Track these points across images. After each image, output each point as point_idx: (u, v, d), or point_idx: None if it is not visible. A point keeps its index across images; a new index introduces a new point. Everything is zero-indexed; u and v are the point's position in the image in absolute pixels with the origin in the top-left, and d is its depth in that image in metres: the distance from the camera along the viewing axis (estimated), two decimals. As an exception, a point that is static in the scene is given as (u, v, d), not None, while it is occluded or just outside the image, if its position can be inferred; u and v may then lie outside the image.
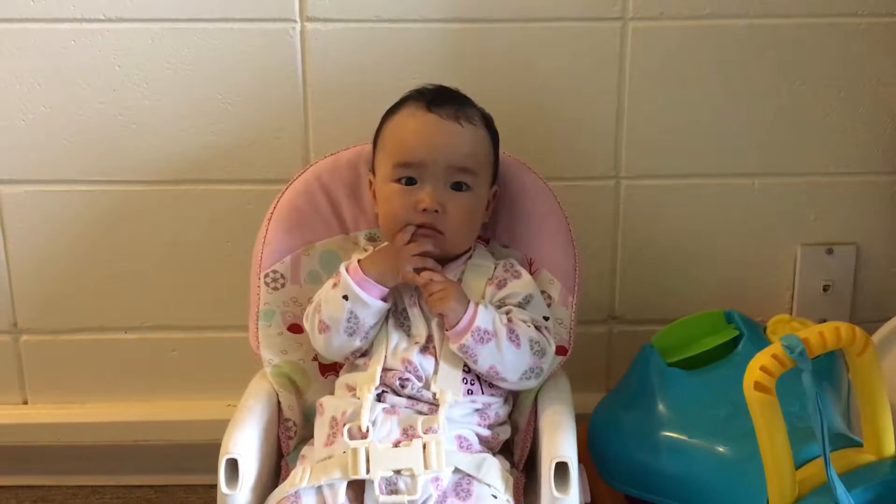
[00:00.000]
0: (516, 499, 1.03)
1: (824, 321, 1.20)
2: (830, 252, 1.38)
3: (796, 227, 1.38)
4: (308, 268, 1.18)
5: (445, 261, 1.13)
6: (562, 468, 0.99)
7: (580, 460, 1.02)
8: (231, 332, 1.38)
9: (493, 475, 1.02)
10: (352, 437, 1.02)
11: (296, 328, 1.17)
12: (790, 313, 1.40)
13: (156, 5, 1.26)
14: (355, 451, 1.00)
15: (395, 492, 0.99)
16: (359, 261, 1.10)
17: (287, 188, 1.19)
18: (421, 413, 1.05)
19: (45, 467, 1.43)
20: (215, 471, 1.01)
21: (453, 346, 1.07)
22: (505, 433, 1.11)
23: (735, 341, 1.20)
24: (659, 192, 1.35)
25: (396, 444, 1.02)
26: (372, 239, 1.19)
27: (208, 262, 1.36)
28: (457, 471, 1.02)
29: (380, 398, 1.06)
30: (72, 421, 1.40)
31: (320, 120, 1.31)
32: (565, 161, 1.33)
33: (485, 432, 1.08)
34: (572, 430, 1.04)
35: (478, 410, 1.08)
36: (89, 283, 1.37)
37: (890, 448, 1.03)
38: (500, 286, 1.12)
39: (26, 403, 1.43)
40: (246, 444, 1.04)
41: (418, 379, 1.07)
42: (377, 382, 1.06)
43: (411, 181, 1.10)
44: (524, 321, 1.09)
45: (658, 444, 1.13)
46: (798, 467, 0.99)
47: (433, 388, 1.06)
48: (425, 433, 1.02)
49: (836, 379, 1.18)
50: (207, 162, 1.32)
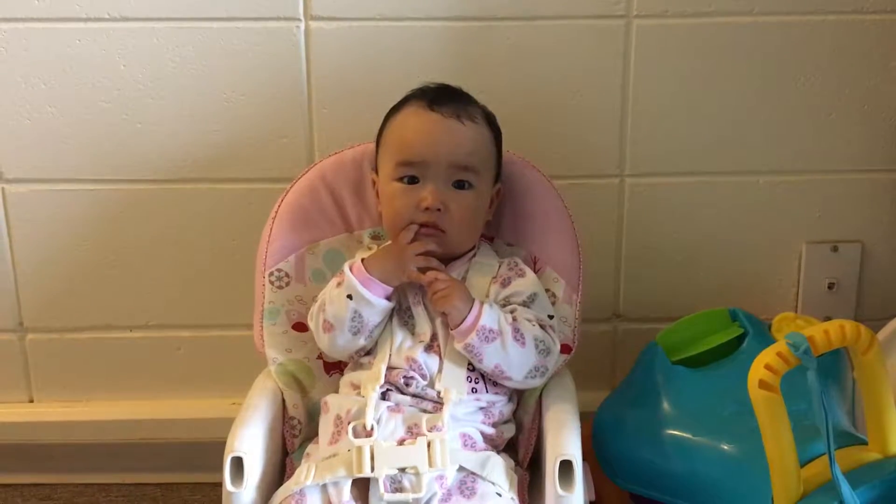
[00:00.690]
0: (521, 497, 1.04)
1: (829, 319, 1.20)
2: (835, 250, 1.38)
3: (801, 224, 1.37)
4: (312, 266, 1.18)
5: (449, 259, 1.13)
6: (566, 466, 0.99)
7: (584, 458, 1.02)
8: (236, 330, 1.38)
9: (498, 473, 1.02)
10: (356, 435, 1.02)
11: (300, 327, 1.17)
12: (795, 311, 1.39)
13: (160, 4, 1.26)
14: (360, 449, 1.00)
15: (400, 490, 0.99)
16: (363, 260, 1.10)
17: (291, 187, 1.19)
18: (425, 411, 1.05)
19: (51, 465, 1.44)
20: (220, 469, 1.01)
21: (458, 346, 1.07)
22: (509, 431, 1.11)
23: (740, 339, 1.20)
24: (663, 191, 1.35)
25: (401, 443, 1.02)
26: (376, 237, 1.19)
27: (213, 261, 1.36)
28: (461, 469, 1.02)
29: (384, 396, 1.06)
30: (77, 419, 1.40)
31: (324, 118, 1.31)
32: (569, 159, 1.33)
33: (489, 430, 1.08)
34: (577, 429, 1.04)
35: (482, 409, 1.08)
36: (94, 281, 1.37)
37: (895, 446, 1.03)
38: (505, 284, 1.12)
39: (32, 402, 1.43)
40: (251, 442, 1.04)
41: (423, 377, 1.07)
42: (382, 381, 1.06)
43: (414, 180, 1.10)
44: (529, 320, 1.09)
45: (662, 442, 1.13)
46: (803, 465, 0.99)
47: (437, 386, 1.06)
48: (430, 431, 1.02)
49: (841, 377, 1.18)
50: (212, 160, 1.32)
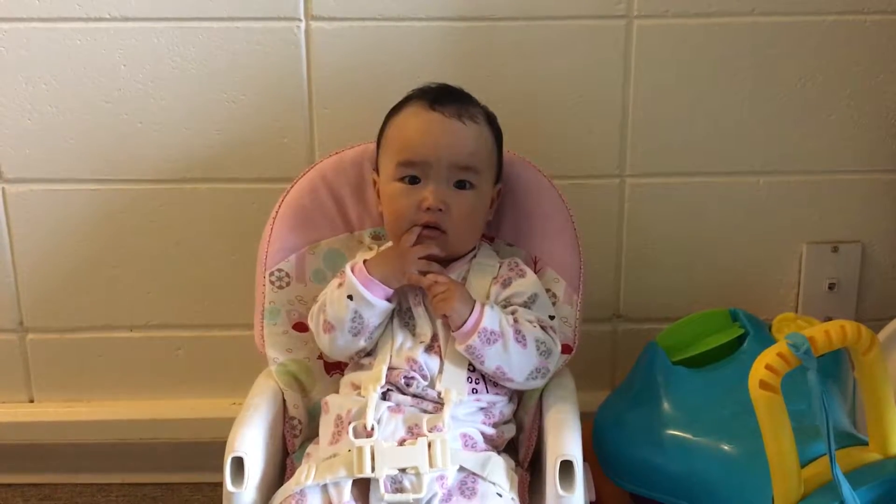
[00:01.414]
0: (521, 497, 1.04)
1: (830, 319, 1.20)
2: (836, 250, 1.38)
3: (802, 225, 1.37)
4: (313, 266, 1.18)
5: (450, 260, 1.13)
6: (567, 466, 0.99)
7: (585, 458, 1.02)
8: (236, 330, 1.38)
9: (498, 473, 1.02)
10: (357, 435, 1.02)
11: (301, 327, 1.17)
12: (795, 311, 1.39)
13: (161, 4, 1.26)
14: (360, 449, 1.00)
15: (401, 490, 0.99)
16: (364, 261, 1.10)
17: (292, 187, 1.19)
18: (426, 412, 1.05)
19: (51, 465, 1.44)
20: (221, 469, 1.01)
21: (460, 347, 1.07)
22: (510, 432, 1.11)
23: (740, 339, 1.20)
24: (664, 191, 1.35)
25: (401, 443, 1.02)
26: (377, 237, 1.19)
27: (213, 261, 1.36)
28: (462, 469, 1.02)
29: (385, 396, 1.06)
30: (77, 419, 1.40)
31: (325, 118, 1.31)
32: (570, 159, 1.33)
33: (490, 431, 1.08)
34: (577, 429, 1.04)
35: (483, 409, 1.08)
36: (95, 281, 1.37)
37: (895, 446, 1.03)
38: (505, 285, 1.12)
39: (32, 402, 1.43)
40: (251, 442, 1.04)
41: (423, 378, 1.07)
42: (382, 381, 1.06)
43: (415, 180, 1.10)
44: (530, 321, 1.09)
45: (663, 442, 1.13)
46: (803, 466, 0.99)
47: (438, 387, 1.06)
48: (430, 432, 1.02)
49: (841, 377, 1.18)
50: (212, 161, 1.32)
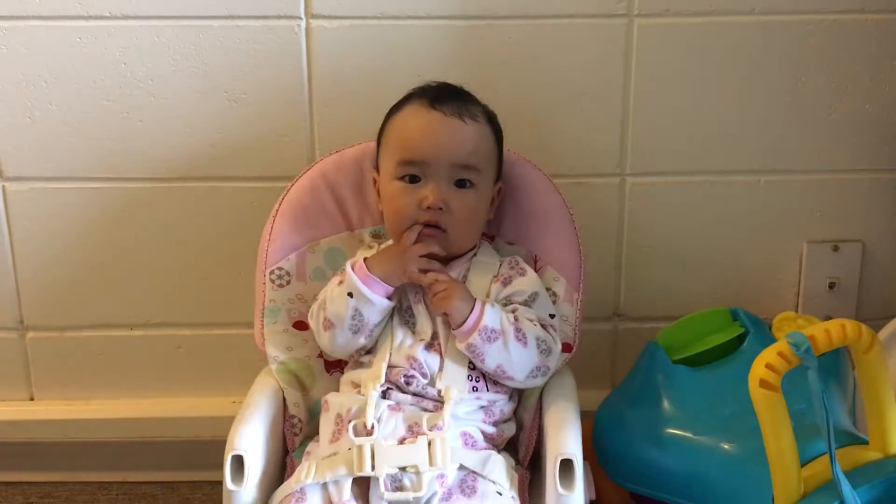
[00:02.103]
0: (521, 496, 1.04)
1: (830, 318, 1.20)
2: (836, 249, 1.38)
3: (802, 224, 1.37)
4: (313, 265, 1.18)
5: (450, 258, 1.13)
6: (567, 465, 0.99)
7: (585, 457, 1.02)
8: (236, 328, 1.38)
9: (499, 472, 1.02)
10: (357, 433, 1.02)
11: (301, 325, 1.17)
12: (796, 310, 1.39)
13: (161, 3, 1.26)
14: (360, 447, 1.00)
15: (401, 489, 0.99)
16: (364, 259, 1.10)
17: (292, 185, 1.19)
18: (426, 410, 1.05)
19: (52, 463, 1.44)
20: (221, 467, 1.01)
21: (461, 346, 1.07)
22: (510, 430, 1.11)
23: (740, 339, 1.20)
24: (664, 190, 1.35)
25: (401, 441, 1.02)
26: (377, 236, 1.19)
27: (213, 259, 1.36)
28: (462, 468, 1.02)
29: (385, 395, 1.07)
30: (78, 417, 1.40)
31: (325, 117, 1.31)
32: (571, 158, 1.33)
33: (490, 429, 1.08)
34: (577, 427, 1.04)
35: (483, 408, 1.08)
36: (95, 280, 1.37)
37: (895, 445, 1.03)
38: (506, 283, 1.12)
39: (33, 400, 1.43)
40: (251, 440, 1.04)
41: (423, 376, 1.07)
42: (382, 380, 1.06)
43: (415, 179, 1.10)
44: (530, 320, 1.09)
45: (663, 441, 1.13)
46: (804, 464, 0.99)
47: (438, 385, 1.06)
48: (430, 430, 1.02)
49: (841, 376, 1.17)
50: (212, 159, 1.32)
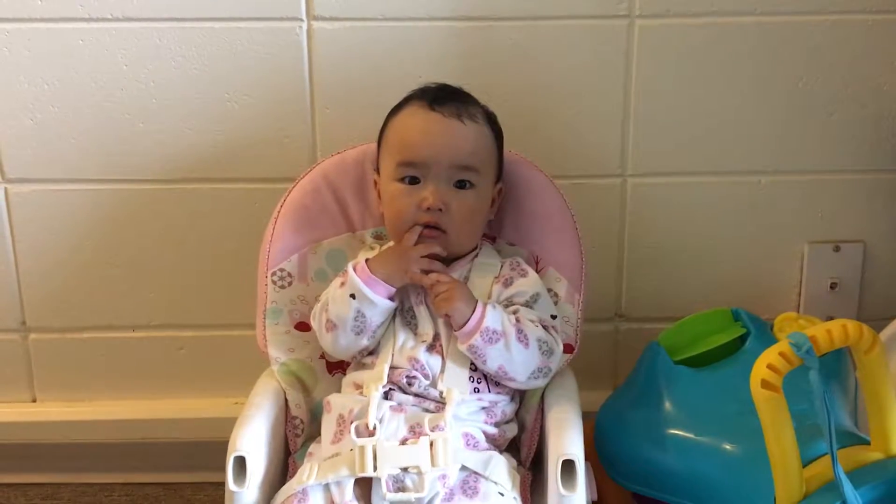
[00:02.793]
0: (523, 496, 1.04)
1: (831, 319, 1.20)
2: (838, 250, 1.38)
3: (803, 224, 1.37)
4: (315, 266, 1.18)
5: (451, 259, 1.13)
6: (568, 466, 0.99)
7: (587, 458, 1.02)
8: (238, 330, 1.38)
9: (500, 473, 1.02)
10: (359, 434, 1.02)
11: (303, 326, 1.17)
12: (797, 311, 1.39)
13: (163, 5, 1.26)
14: (363, 448, 1.00)
15: (403, 489, 0.99)
16: (366, 260, 1.10)
17: (294, 187, 1.19)
18: (428, 411, 1.05)
19: (54, 465, 1.44)
20: (223, 468, 1.01)
21: (462, 347, 1.07)
22: (512, 431, 1.11)
23: (742, 339, 1.19)
24: (665, 190, 1.35)
25: (403, 442, 1.02)
26: (378, 237, 1.20)
27: (215, 261, 1.36)
28: (464, 468, 1.02)
29: (387, 396, 1.07)
30: (80, 419, 1.40)
31: (327, 118, 1.31)
32: (572, 159, 1.33)
33: (491, 430, 1.08)
34: (579, 428, 1.04)
35: (484, 409, 1.08)
36: (97, 281, 1.37)
37: (897, 446, 1.03)
38: (507, 284, 1.12)
39: (35, 401, 1.43)
40: (253, 441, 1.04)
41: (425, 377, 1.07)
42: (384, 381, 1.06)
43: (415, 180, 1.10)
44: (532, 321, 1.09)
45: (665, 441, 1.13)
46: (805, 465, 0.99)
47: (440, 386, 1.06)
48: (432, 431, 1.02)
49: (843, 377, 1.17)
50: (214, 161, 1.32)
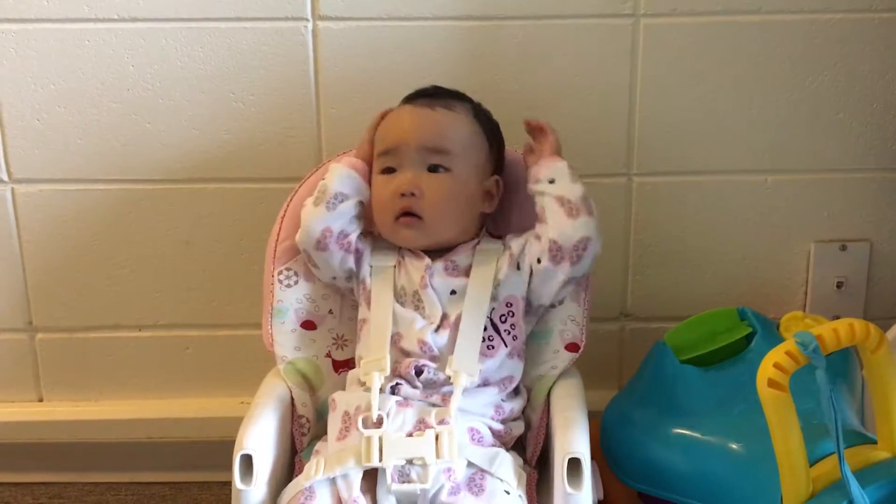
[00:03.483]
0: (529, 495, 1.04)
1: (838, 318, 1.19)
2: (844, 249, 1.38)
3: (810, 223, 1.37)
4: (321, 265, 1.19)
5: (449, 248, 1.13)
6: (574, 464, 0.99)
7: (593, 457, 1.02)
8: (245, 329, 1.38)
9: (507, 470, 1.03)
10: (366, 426, 1.03)
11: (309, 325, 1.17)
12: (804, 310, 1.39)
13: (169, 5, 1.27)
14: (369, 439, 1.01)
15: (408, 481, 0.99)
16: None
17: (300, 186, 1.20)
18: (434, 405, 1.06)
19: (61, 464, 1.44)
20: (230, 467, 1.02)
21: (545, 173, 1.12)
22: (518, 429, 1.11)
23: (748, 338, 1.19)
24: (671, 189, 1.35)
25: (409, 435, 1.02)
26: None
27: (222, 260, 1.37)
28: (470, 465, 1.02)
29: (394, 391, 1.07)
30: (86, 418, 1.40)
31: (332, 118, 1.31)
32: (577, 158, 1.31)
33: (497, 426, 1.08)
34: (585, 427, 1.04)
35: (493, 404, 1.09)
36: (103, 281, 1.38)
37: (904, 445, 1.03)
38: (514, 247, 1.12)
39: (41, 401, 1.43)
40: (260, 440, 1.04)
41: (433, 360, 1.08)
42: (387, 371, 1.07)
43: (392, 170, 1.12)
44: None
45: (671, 441, 1.13)
46: (812, 464, 0.99)
47: (448, 370, 1.07)
48: (438, 424, 1.02)
49: (849, 376, 1.17)
50: (221, 160, 1.33)
